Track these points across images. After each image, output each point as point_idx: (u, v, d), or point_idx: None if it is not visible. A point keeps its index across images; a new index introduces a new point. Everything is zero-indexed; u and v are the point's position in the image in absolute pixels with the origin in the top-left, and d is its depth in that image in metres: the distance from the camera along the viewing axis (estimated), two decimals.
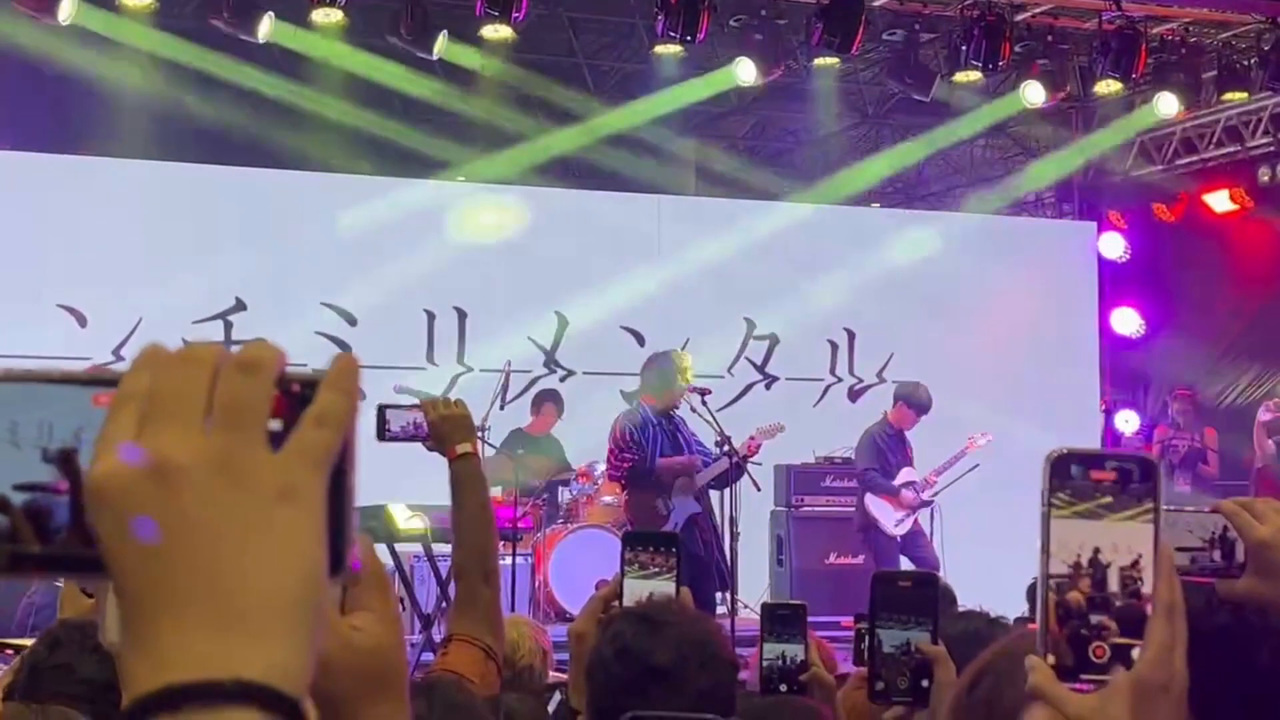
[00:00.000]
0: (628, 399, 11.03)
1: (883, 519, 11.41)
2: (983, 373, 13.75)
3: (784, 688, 3.31)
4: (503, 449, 10.97)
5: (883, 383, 13.80)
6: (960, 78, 13.05)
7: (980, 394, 13.15)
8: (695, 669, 2.77)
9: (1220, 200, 14.75)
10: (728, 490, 9.73)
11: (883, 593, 2.74)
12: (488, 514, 3.69)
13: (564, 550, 11.01)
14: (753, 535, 10.95)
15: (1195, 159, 14.92)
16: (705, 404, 9.66)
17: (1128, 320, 15.35)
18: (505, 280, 13.03)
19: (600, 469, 11.04)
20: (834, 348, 14.15)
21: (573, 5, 13.55)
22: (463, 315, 13.13)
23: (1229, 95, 13.62)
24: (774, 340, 13.96)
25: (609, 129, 13.91)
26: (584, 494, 11.62)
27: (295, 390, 0.86)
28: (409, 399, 4.07)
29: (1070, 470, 1.26)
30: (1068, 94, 14.12)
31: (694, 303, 13.27)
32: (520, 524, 10.53)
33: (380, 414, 3.79)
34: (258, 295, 12.47)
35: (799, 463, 12.27)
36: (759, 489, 10.30)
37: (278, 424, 0.86)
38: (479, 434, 4.16)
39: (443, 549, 8.31)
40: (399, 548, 8.97)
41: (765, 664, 3.33)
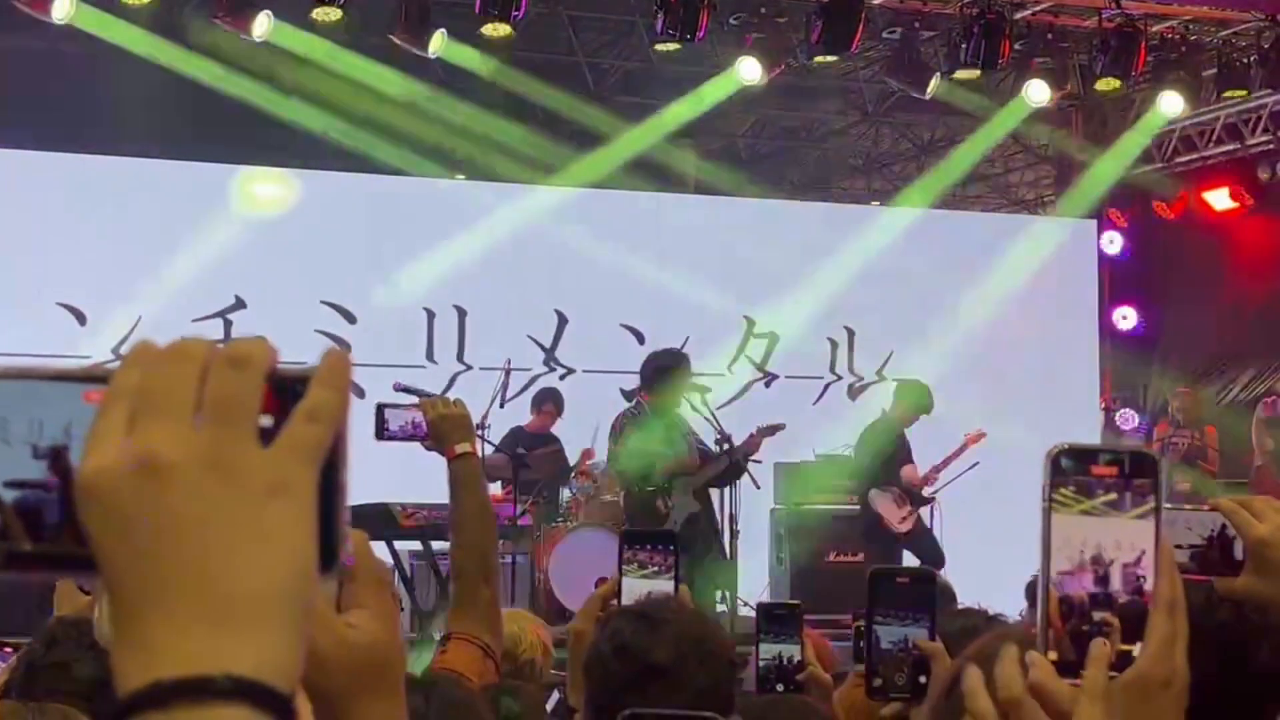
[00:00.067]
0: (627, 397, 11.00)
1: (887, 515, 11.40)
2: (983, 370, 13.73)
3: (780, 687, 3.30)
4: (503, 447, 10.96)
5: (883, 381, 13.78)
6: (960, 76, 13.03)
7: (980, 392, 13.13)
8: (694, 667, 2.76)
9: (1220, 198, 14.74)
10: (728, 489, 9.72)
11: (880, 589, 2.72)
12: (486, 513, 3.69)
13: (564, 549, 10.99)
14: (753, 533, 10.95)
15: (1195, 157, 14.91)
16: (705, 402, 9.65)
17: (1128, 318, 15.34)
18: (505, 278, 13.02)
19: (600, 468, 11.03)
20: (834, 345, 14.14)
21: (572, 4, 13.53)
22: (462, 313, 13.12)
23: (1229, 93, 13.61)
24: (774, 338, 13.95)
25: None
26: (584, 492, 11.61)
27: (286, 386, 0.86)
28: (408, 398, 4.06)
29: (1071, 465, 1.26)
30: (1068, 92, 14.10)
31: (694, 300, 13.26)
32: (520, 522, 10.53)
33: (379, 413, 3.78)
34: (258, 293, 12.47)
35: (799, 460, 12.26)
36: (759, 487, 10.29)
37: (268, 420, 0.85)
38: (479, 433, 4.16)
39: (442, 547, 8.30)
40: (398, 546, 8.97)
41: (762, 664, 3.33)
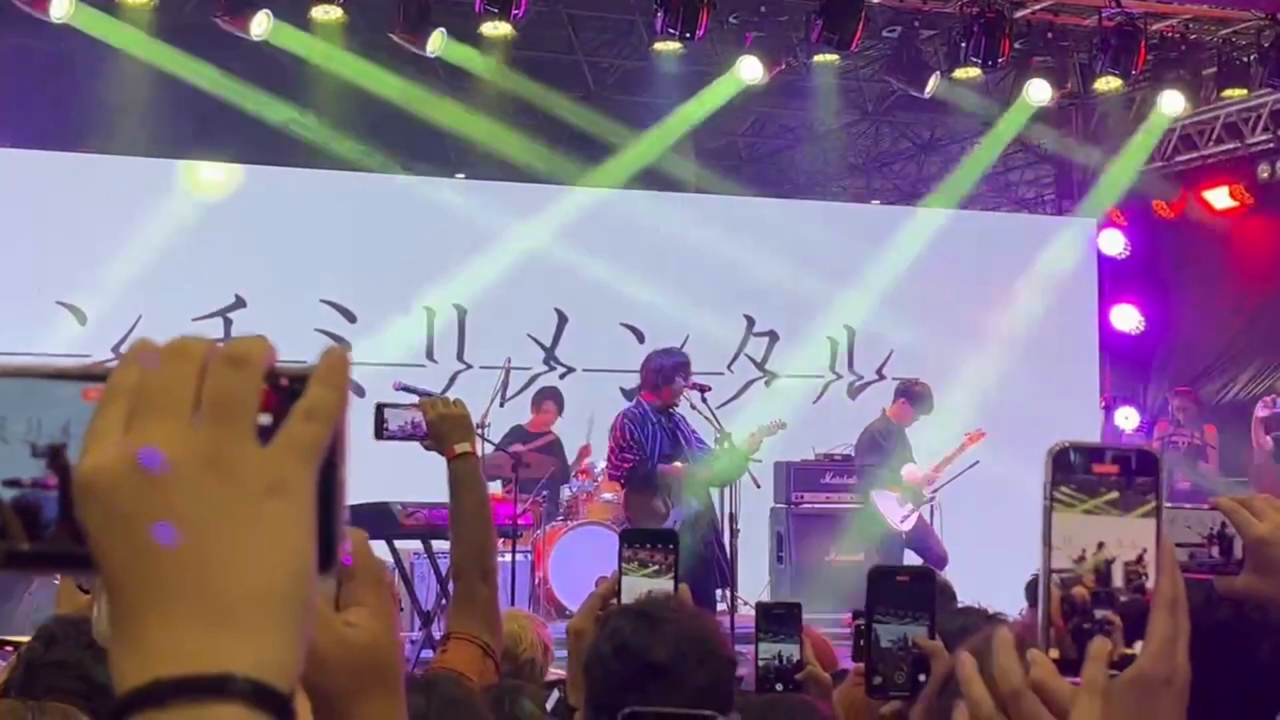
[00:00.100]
0: (627, 396, 11.01)
1: (888, 514, 11.40)
2: (983, 369, 13.73)
3: (780, 687, 3.30)
4: (503, 446, 10.96)
5: (883, 380, 13.79)
6: (959, 75, 13.03)
7: (980, 391, 13.14)
8: (693, 665, 2.76)
9: (1220, 197, 14.73)
10: (728, 487, 9.71)
11: (880, 587, 2.72)
12: (486, 513, 3.69)
13: (564, 547, 11.00)
14: (753, 532, 10.94)
15: (1195, 155, 14.91)
16: (705, 401, 9.64)
17: (1127, 317, 15.33)
18: (505, 277, 13.01)
19: (600, 466, 11.03)
20: (834, 345, 14.14)
21: (572, 2, 13.52)
22: (462, 312, 13.12)
23: (1229, 92, 13.61)
24: (774, 337, 13.95)
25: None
26: (584, 491, 11.62)
27: (284, 384, 0.86)
28: (408, 398, 4.05)
29: (1072, 463, 1.25)
30: (1068, 91, 14.10)
31: (694, 299, 13.25)
32: (520, 521, 10.52)
33: (379, 413, 3.77)
34: (258, 292, 12.46)
35: (799, 460, 12.26)
36: (759, 486, 10.28)
37: (267, 418, 0.85)
38: (478, 431, 4.16)
39: (442, 546, 8.30)
40: (399, 545, 8.96)
41: (761, 664, 3.32)
